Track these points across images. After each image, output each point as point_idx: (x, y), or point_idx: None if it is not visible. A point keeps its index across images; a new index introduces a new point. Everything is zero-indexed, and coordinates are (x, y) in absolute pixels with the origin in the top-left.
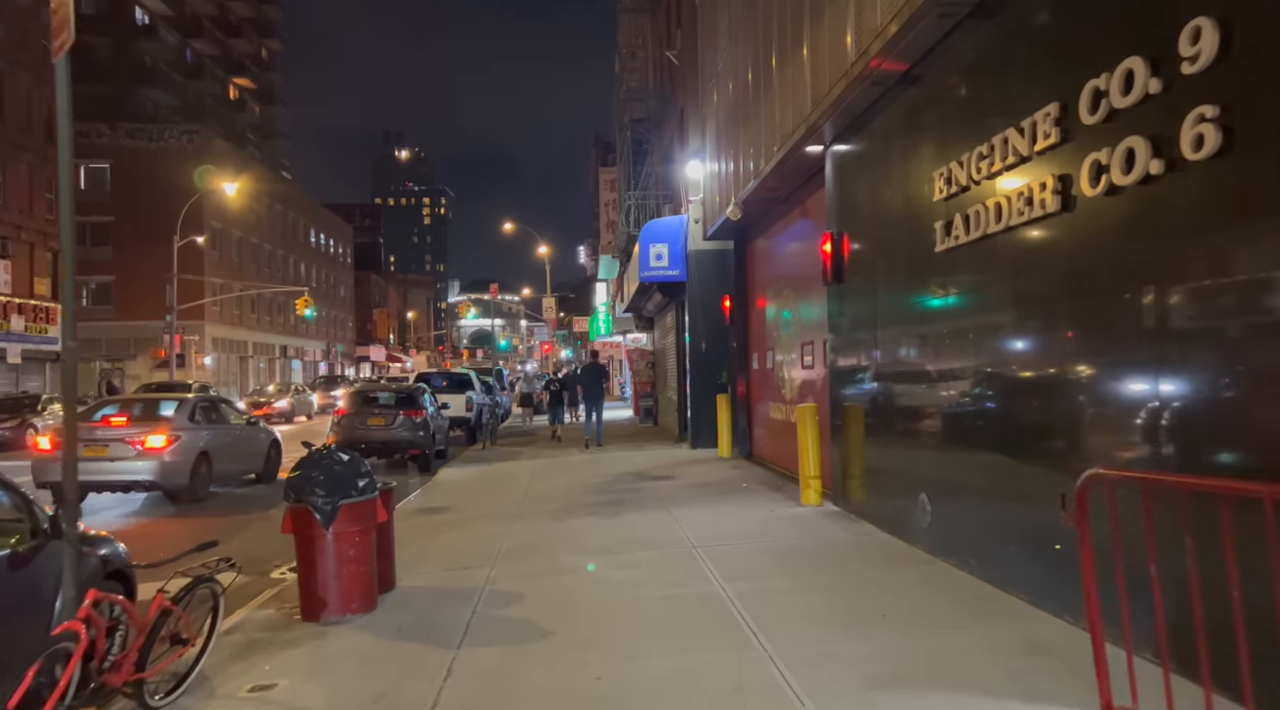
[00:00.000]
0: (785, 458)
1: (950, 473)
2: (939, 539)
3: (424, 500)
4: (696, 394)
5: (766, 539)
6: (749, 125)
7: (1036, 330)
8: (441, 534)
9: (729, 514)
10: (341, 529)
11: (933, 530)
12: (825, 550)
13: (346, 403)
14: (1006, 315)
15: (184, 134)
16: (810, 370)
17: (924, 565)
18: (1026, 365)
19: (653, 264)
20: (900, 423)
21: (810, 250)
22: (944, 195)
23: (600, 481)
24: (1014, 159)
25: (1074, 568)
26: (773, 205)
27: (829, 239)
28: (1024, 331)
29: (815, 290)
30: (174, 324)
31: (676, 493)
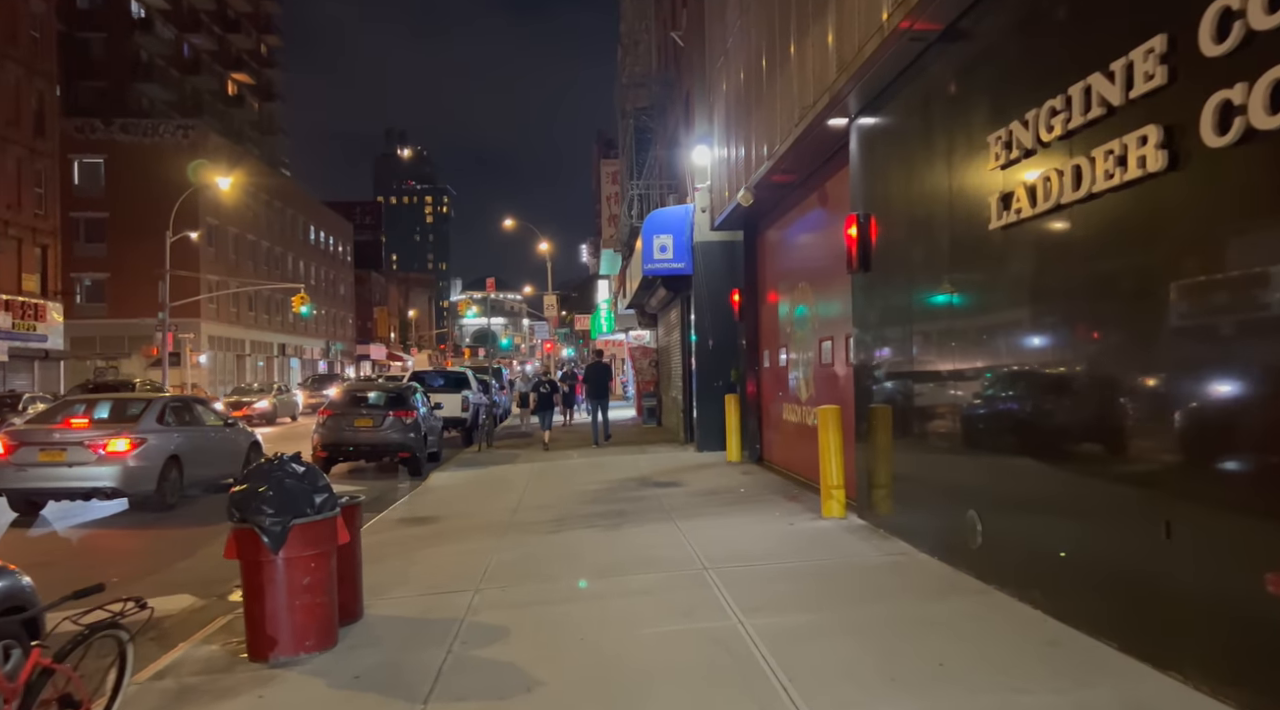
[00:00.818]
0: (800, 463)
1: (1008, 486)
2: (993, 564)
3: (410, 508)
4: (703, 394)
5: (787, 559)
6: (762, 103)
7: (1126, 318)
8: (424, 549)
9: (742, 527)
10: (294, 553)
11: (985, 553)
12: (858, 574)
13: (333, 403)
14: (1083, 302)
15: (180, 129)
16: (830, 368)
17: (977, 596)
18: (1104, 362)
19: (656, 256)
20: (942, 427)
21: (829, 238)
22: (1001, 162)
23: (600, 488)
24: (1100, 111)
25: (1187, 608)
26: (787, 191)
27: (854, 222)
28: (1107, 321)
29: (836, 282)
30: (166, 321)
31: (683, 502)
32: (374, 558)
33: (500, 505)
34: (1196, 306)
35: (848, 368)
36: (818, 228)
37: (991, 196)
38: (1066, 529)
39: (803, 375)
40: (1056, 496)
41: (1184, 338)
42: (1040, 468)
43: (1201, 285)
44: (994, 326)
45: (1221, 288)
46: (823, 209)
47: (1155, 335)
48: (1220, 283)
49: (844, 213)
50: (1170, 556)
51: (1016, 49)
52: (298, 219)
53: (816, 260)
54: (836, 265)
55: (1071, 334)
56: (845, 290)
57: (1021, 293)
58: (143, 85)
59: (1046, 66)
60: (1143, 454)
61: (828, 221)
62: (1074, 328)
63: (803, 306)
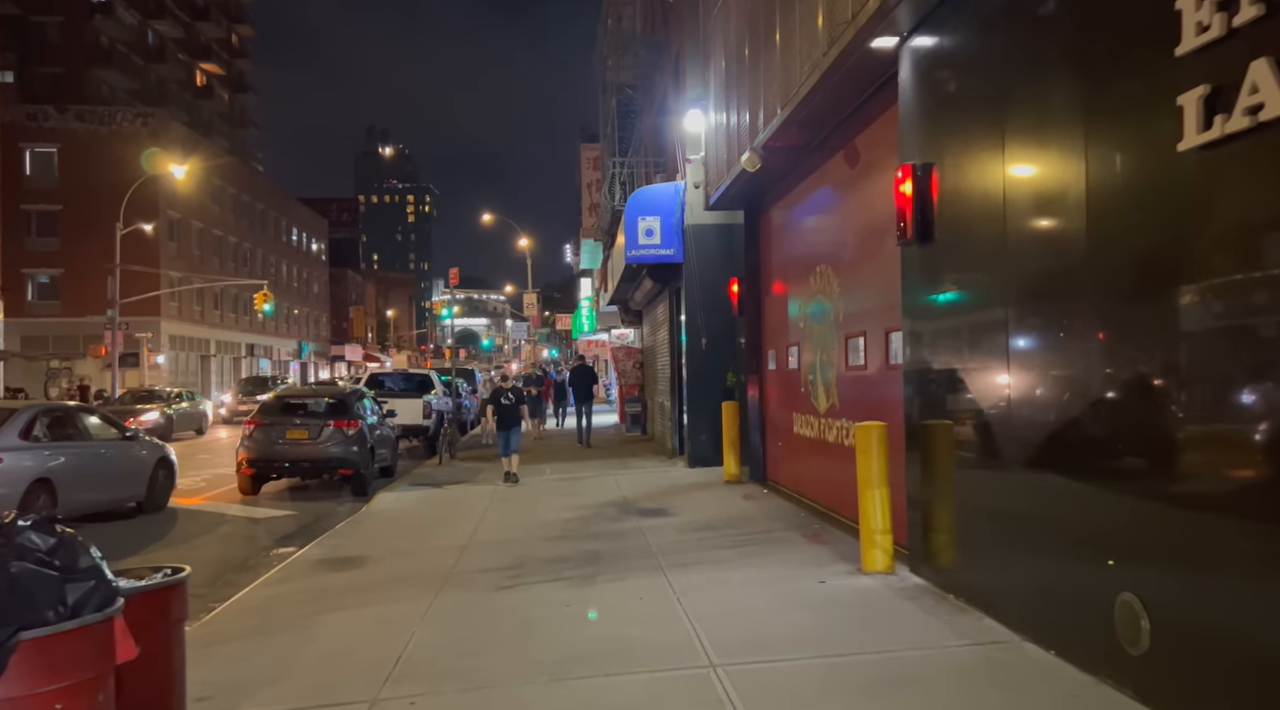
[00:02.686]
0: (817, 486)
1: (1208, 555)
2: (1176, 681)
3: (338, 543)
4: (695, 400)
5: (829, 646)
6: (774, 46)
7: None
8: (331, 613)
9: (756, 587)
10: (22, 690)
11: (1158, 662)
12: (946, 684)
13: (262, 411)
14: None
15: (139, 117)
16: (861, 372)
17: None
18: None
19: (642, 242)
20: (1064, 453)
21: (861, 209)
22: (1209, 34)
23: (572, 517)
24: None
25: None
26: (798, 159)
27: (907, 177)
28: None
29: (871, 262)
30: (116, 319)
31: (674, 540)
32: (261, 626)
33: (448, 540)
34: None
35: (889, 370)
36: (843, 197)
37: (1187, 95)
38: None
39: (821, 380)
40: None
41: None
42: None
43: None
44: (1188, 304)
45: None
46: (851, 171)
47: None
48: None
49: (880, 175)
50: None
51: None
52: (268, 214)
53: (841, 238)
54: (872, 241)
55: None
56: (884, 272)
57: (1247, 248)
58: (102, 72)
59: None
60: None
61: (857, 187)
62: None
63: (821, 297)
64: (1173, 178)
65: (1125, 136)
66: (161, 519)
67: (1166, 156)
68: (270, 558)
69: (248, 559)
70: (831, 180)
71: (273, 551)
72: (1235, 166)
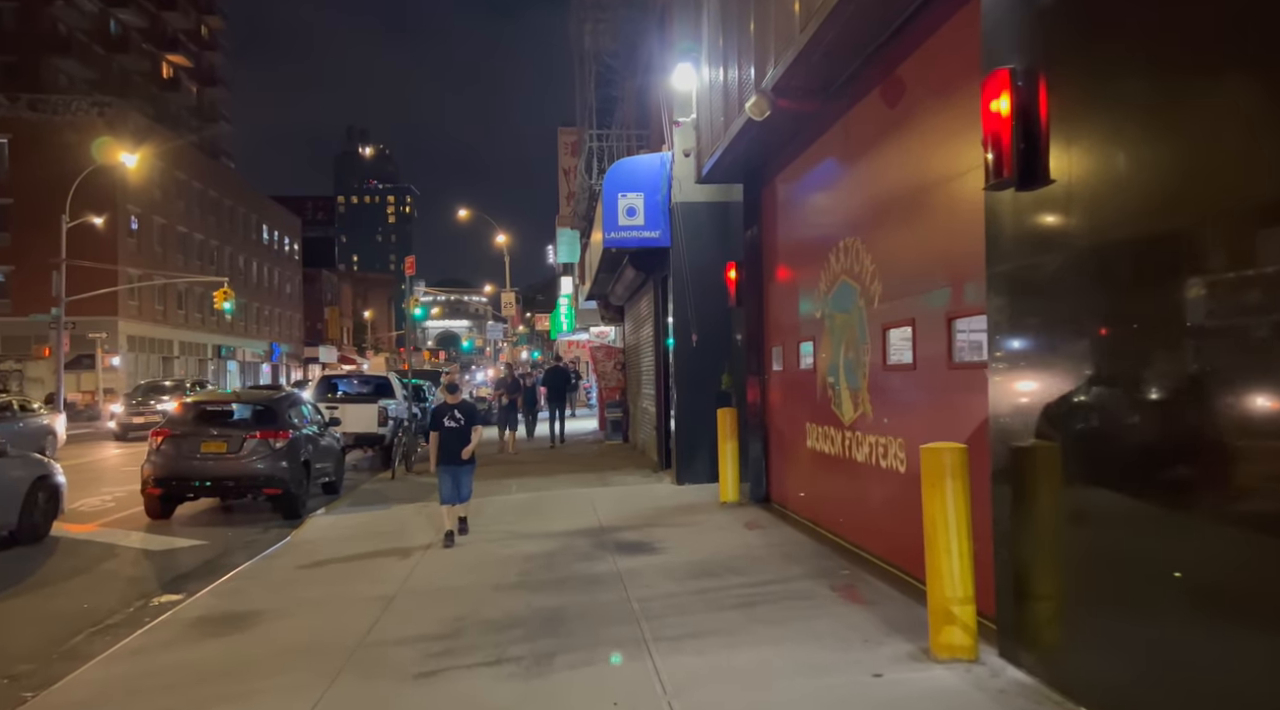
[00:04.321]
0: (840, 514)
1: None
2: None
3: (234, 590)
4: (685, 406)
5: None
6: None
7: None
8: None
9: (781, 680)
10: None
11: None
12: None
13: (172, 420)
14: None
15: (95, 106)
16: (907, 372)
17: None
18: None
19: (622, 222)
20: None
21: (904, 161)
22: None
23: (535, 554)
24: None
25: None
26: (812, 114)
27: (1003, 88)
28: None
29: (923, 226)
30: (61, 319)
31: (663, 593)
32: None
33: (374, 587)
34: None
35: (952, 370)
36: (879, 148)
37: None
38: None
39: (846, 383)
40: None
41: None
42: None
43: None
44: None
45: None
46: (891, 112)
47: None
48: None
49: (938, 108)
50: None
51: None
52: (237, 211)
53: (877, 201)
54: (925, 199)
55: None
56: (944, 237)
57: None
58: (60, 61)
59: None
60: None
61: (901, 132)
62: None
63: (847, 279)
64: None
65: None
66: (37, 552)
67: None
68: (146, 610)
69: (115, 612)
70: (861, 130)
71: (153, 600)
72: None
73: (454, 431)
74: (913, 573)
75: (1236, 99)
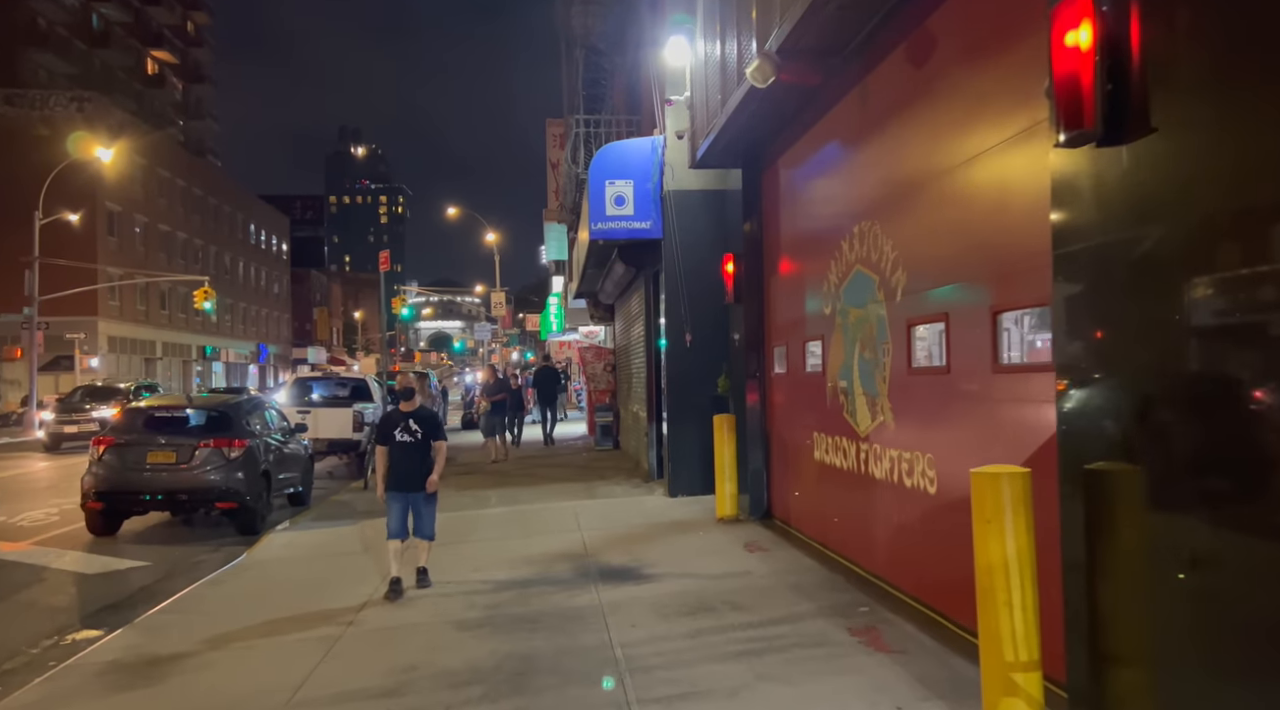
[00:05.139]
0: (854, 537)
1: None
2: None
3: (161, 625)
4: (678, 411)
5: None
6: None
7: None
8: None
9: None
10: None
11: None
12: None
13: (117, 427)
14: None
15: (74, 102)
16: (939, 376)
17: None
18: None
19: (610, 212)
20: None
21: (935, 127)
22: None
23: (508, 581)
24: None
25: None
26: (820, 88)
27: (1084, 13)
28: None
29: (959, 203)
30: (34, 318)
31: (652, 636)
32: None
33: (319, 624)
34: None
35: (998, 374)
36: (903, 116)
37: None
38: None
39: (862, 388)
40: None
41: None
42: None
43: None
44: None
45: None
46: (917, 72)
47: None
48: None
49: (980, 62)
50: None
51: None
52: (222, 209)
53: (900, 178)
54: (962, 172)
55: None
56: (987, 214)
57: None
58: (39, 55)
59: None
60: None
61: (930, 94)
62: None
63: (863, 269)
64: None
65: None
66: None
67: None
68: (57, 649)
69: (18, 654)
70: (882, 97)
71: (68, 637)
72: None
73: (408, 448)
74: (946, 613)
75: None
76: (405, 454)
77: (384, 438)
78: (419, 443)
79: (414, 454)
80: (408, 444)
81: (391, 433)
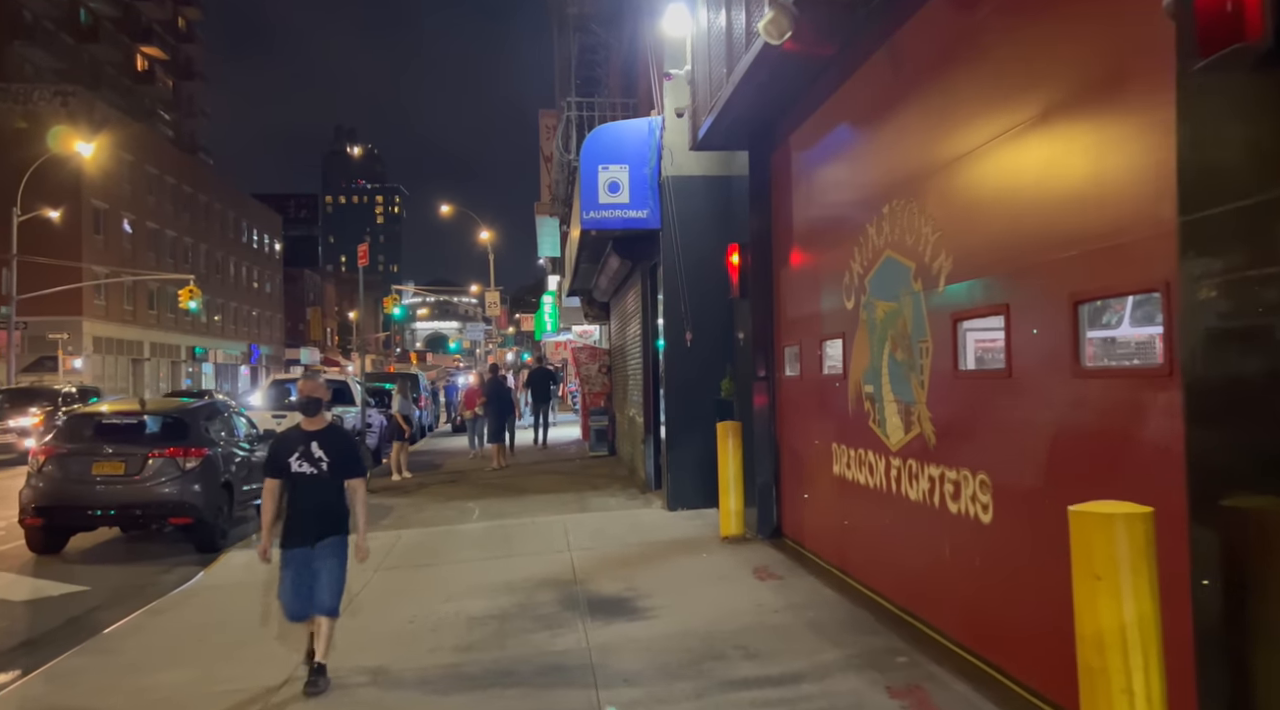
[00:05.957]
0: (883, 566)
1: None
2: None
3: (73, 670)
4: (677, 416)
5: None
6: None
7: None
8: None
9: None
10: None
11: None
12: None
13: (60, 435)
14: None
15: (57, 96)
16: (997, 381)
17: None
18: None
19: (604, 200)
20: None
21: (981, 89)
22: None
23: (484, 616)
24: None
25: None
26: (839, 54)
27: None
28: None
29: (1012, 175)
30: (12, 318)
31: (651, 699)
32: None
33: (262, 670)
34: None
35: (1084, 383)
36: (952, 69)
37: None
38: None
39: (893, 394)
40: None
41: None
42: None
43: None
44: None
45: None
46: (970, 19)
47: None
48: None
49: None
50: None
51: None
52: (214, 208)
53: (945, 146)
54: (1026, 129)
55: None
56: (1060, 183)
57: None
58: (24, 49)
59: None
60: None
61: (984, 42)
62: None
63: (895, 255)
64: None
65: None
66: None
67: None
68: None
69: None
70: (918, 53)
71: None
72: None
73: (311, 483)
74: (1008, 669)
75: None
76: (307, 491)
77: (275, 467)
78: (325, 476)
79: (318, 492)
80: (310, 478)
81: (285, 461)
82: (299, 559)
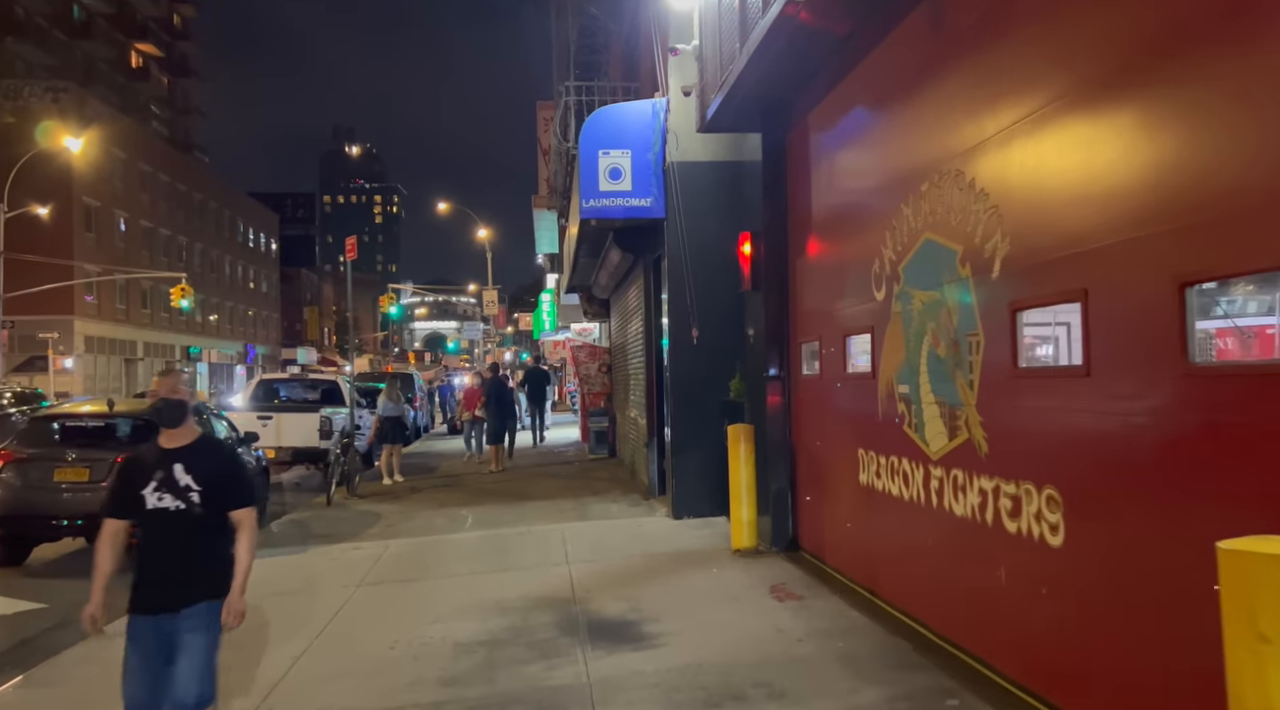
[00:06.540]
0: (917, 585)
1: None
2: None
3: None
4: (683, 418)
5: None
6: None
7: None
8: None
9: None
10: None
11: None
12: None
13: (23, 439)
14: None
15: (49, 92)
16: (1070, 384)
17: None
18: None
19: (604, 187)
20: None
21: (1047, 41)
22: None
23: (472, 642)
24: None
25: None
26: (862, 24)
27: None
28: None
29: (1092, 136)
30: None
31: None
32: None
33: (230, 703)
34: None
35: (1190, 385)
36: (1006, 26)
37: None
38: None
39: (934, 396)
40: None
41: None
42: None
43: None
44: None
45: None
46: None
47: None
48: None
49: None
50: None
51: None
52: (209, 206)
53: (1002, 114)
54: (1115, 80)
55: None
56: (1156, 149)
57: None
58: (16, 45)
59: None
60: None
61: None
62: None
63: (935, 237)
64: None
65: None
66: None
67: None
68: None
69: None
70: (966, 13)
71: None
72: None
73: (174, 521)
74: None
75: None
76: (169, 535)
77: (120, 502)
78: (197, 511)
79: (186, 534)
80: (174, 516)
81: (137, 493)
82: (152, 632)
